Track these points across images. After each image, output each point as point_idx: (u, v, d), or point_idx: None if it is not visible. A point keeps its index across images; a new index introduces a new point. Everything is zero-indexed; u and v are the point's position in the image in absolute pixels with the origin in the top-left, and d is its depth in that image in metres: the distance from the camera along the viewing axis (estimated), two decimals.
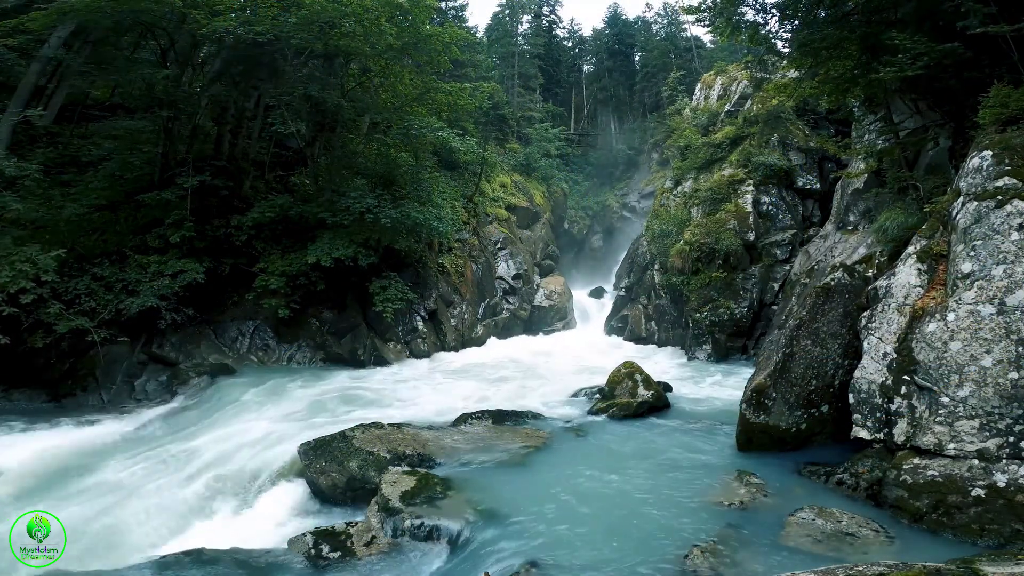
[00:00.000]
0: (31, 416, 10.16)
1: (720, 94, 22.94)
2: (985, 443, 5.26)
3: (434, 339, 16.98)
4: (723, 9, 11.17)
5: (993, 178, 5.97)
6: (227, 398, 10.78)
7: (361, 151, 17.12)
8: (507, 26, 43.04)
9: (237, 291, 13.92)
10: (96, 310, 11.30)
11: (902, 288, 6.46)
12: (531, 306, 23.15)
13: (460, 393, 11.71)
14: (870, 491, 5.80)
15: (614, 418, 9.25)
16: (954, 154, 9.02)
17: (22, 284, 9.93)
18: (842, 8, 9.44)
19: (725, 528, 5.17)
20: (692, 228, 17.41)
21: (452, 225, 16.86)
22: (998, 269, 5.54)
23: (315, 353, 14.29)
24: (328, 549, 5.39)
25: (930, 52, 7.47)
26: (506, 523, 5.46)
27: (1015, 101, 6.45)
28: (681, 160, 21.03)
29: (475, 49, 31.78)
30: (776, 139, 17.84)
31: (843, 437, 6.65)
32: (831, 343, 7.22)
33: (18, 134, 12.61)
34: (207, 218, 13.66)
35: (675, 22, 45.56)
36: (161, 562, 5.33)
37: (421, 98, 16.90)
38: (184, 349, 12.84)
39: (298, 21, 13.16)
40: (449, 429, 8.36)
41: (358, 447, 7.03)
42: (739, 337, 15.66)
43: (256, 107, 15.90)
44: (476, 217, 22.30)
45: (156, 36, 13.72)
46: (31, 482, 7.30)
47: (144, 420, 10.25)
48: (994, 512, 4.92)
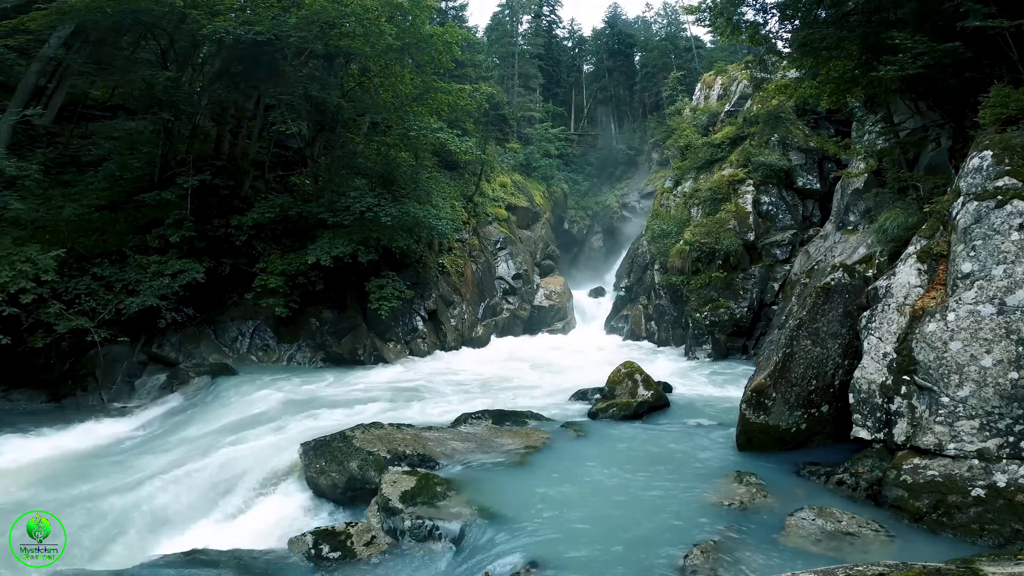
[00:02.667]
0: (31, 416, 10.16)
1: (720, 94, 22.95)
2: (985, 443, 5.26)
3: (434, 339, 16.98)
4: (723, 9, 11.16)
5: (993, 178, 5.97)
6: (227, 398, 10.77)
7: (361, 151, 17.13)
8: (507, 26, 43.06)
9: (237, 291, 13.93)
10: (96, 310, 11.31)
11: (902, 288, 6.46)
12: (531, 306, 23.16)
13: (460, 393, 11.71)
14: (870, 491, 5.80)
15: (614, 418, 9.25)
16: (954, 154, 9.01)
17: (22, 284, 9.93)
18: (842, 8, 9.43)
19: (725, 528, 5.16)
20: (692, 228, 17.42)
21: (452, 225, 16.87)
22: (998, 269, 5.54)
23: (315, 353, 14.29)
24: (328, 549, 5.38)
25: (930, 52, 7.46)
26: (506, 523, 5.46)
27: (1015, 101, 6.44)
28: (681, 160, 21.04)
29: (475, 49, 31.79)
30: (776, 139, 17.84)
31: (843, 437, 6.65)
32: (831, 343, 7.22)
33: (18, 134, 12.62)
34: (207, 218, 13.66)
35: (675, 22, 45.63)
36: (161, 562, 5.33)
37: (421, 98, 16.90)
38: (184, 349, 12.85)
39: (298, 21, 13.16)
40: (449, 429, 8.35)
41: (358, 447, 7.02)
42: (739, 337, 15.66)
43: (256, 107, 15.91)
44: (476, 217, 22.30)
45: (156, 36, 13.73)
46: (31, 482, 7.30)
47: (144, 420, 10.26)
48: (994, 512, 4.92)
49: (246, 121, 16.21)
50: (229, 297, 13.97)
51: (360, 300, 15.08)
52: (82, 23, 12.41)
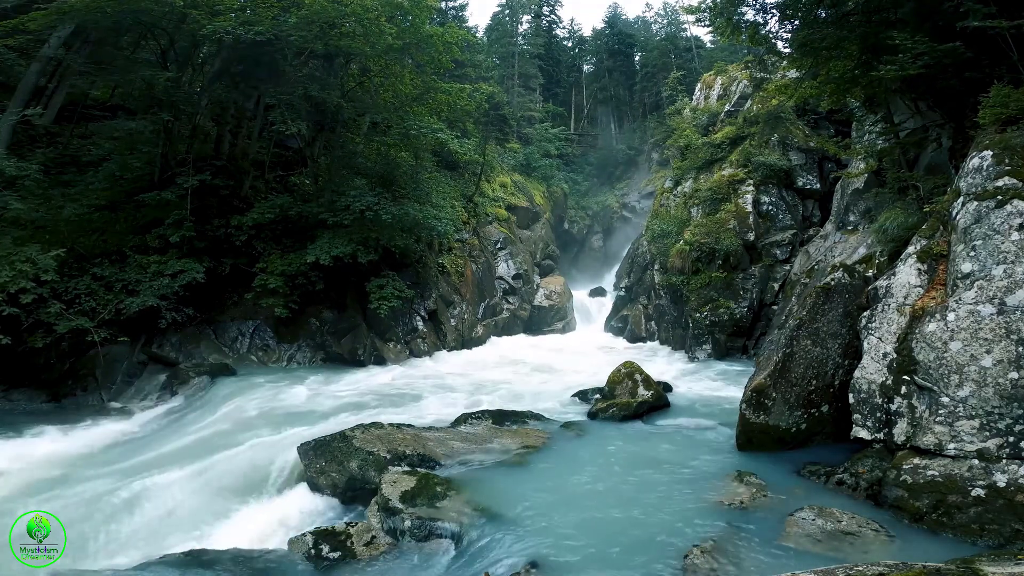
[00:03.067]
0: (31, 416, 10.16)
1: (720, 94, 22.95)
2: (985, 443, 5.26)
3: (434, 339, 16.98)
4: (723, 9, 11.16)
5: (993, 178, 5.97)
6: (227, 398, 10.76)
7: (361, 151, 17.13)
8: (507, 26, 43.07)
9: (237, 291, 13.92)
10: (96, 310, 11.30)
11: (902, 288, 6.46)
12: (531, 306, 23.16)
13: (460, 393, 11.71)
14: (870, 491, 5.80)
15: (614, 418, 9.25)
16: (954, 154, 9.01)
17: (22, 284, 9.92)
18: (842, 8, 9.43)
19: (725, 528, 5.16)
20: (692, 228, 17.42)
21: (452, 225, 16.87)
22: (998, 269, 5.54)
23: (315, 353, 14.29)
24: (328, 549, 5.39)
25: (930, 52, 7.46)
26: (506, 523, 5.46)
27: (1015, 101, 6.45)
28: (681, 160, 21.03)
29: (475, 49, 31.80)
30: (776, 139, 17.84)
31: (843, 437, 6.65)
32: (831, 343, 7.22)
33: (18, 134, 12.61)
34: (207, 218, 13.65)
35: (675, 22, 45.65)
36: (161, 562, 5.33)
37: (421, 98, 16.90)
38: (184, 349, 12.85)
39: (298, 21, 13.16)
40: (449, 429, 8.35)
41: (358, 447, 7.02)
42: (739, 337, 15.66)
43: (256, 107, 15.90)
44: (476, 217, 22.30)
45: (156, 36, 13.72)
46: (31, 482, 7.29)
47: (144, 420, 10.26)
48: (994, 512, 4.92)
49: (246, 121, 16.20)
50: (229, 297, 13.97)
51: (360, 300, 15.07)
52: (82, 23, 12.40)
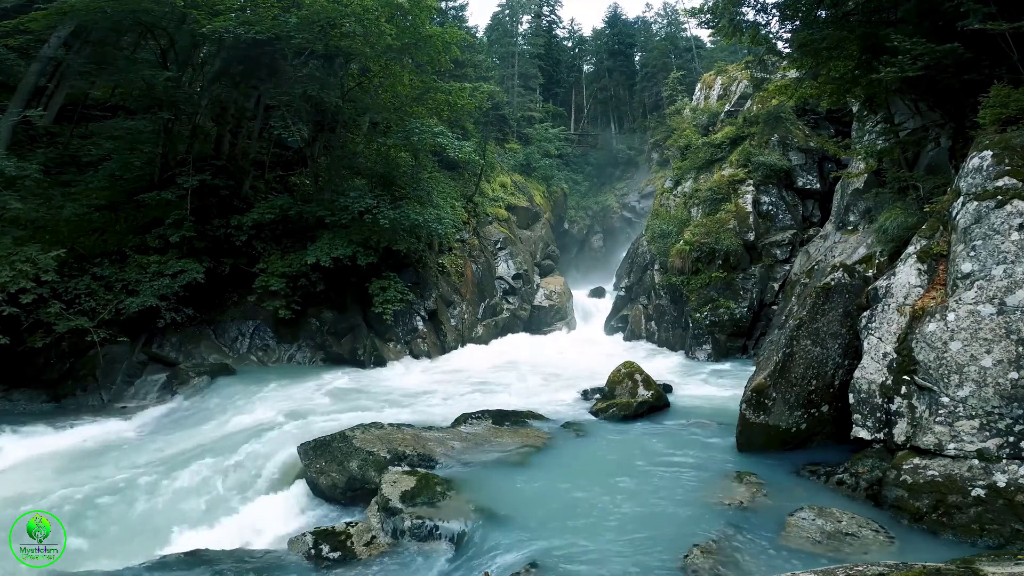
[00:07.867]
0: (31, 416, 10.17)
1: (720, 94, 22.95)
2: (985, 443, 5.26)
3: (434, 339, 16.97)
4: (724, 10, 11.17)
5: (993, 178, 5.97)
6: (227, 398, 10.78)
7: (361, 151, 17.13)
8: (507, 26, 43.03)
9: (237, 291, 13.93)
10: (96, 310, 11.31)
11: (902, 288, 6.46)
12: (531, 306, 23.15)
13: (460, 393, 11.71)
14: (870, 491, 5.80)
15: (614, 418, 9.25)
16: (954, 154, 9.01)
17: (22, 284, 9.93)
18: (842, 8, 9.43)
19: (725, 528, 5.16)
20: (692, 228, 17.41)
21: (452, 225, 16.87)
22: (998, 269, 5.54)
23: (315, 353, 14.29)
24: (328, 549, 5.39)
25: (930, 52, 7.46)
26: (506, 523, 5.46)
27: (1015, 101, 6.45)
28: (681, 160, 21.03)
29: (475, 49, 31.79)
30: (776, 139, 17.84)
31: (843, 437, 6.65)
32: (831, 343, 7.22)
33: (18, 134, 12.61)
34: (207, 218, 13.66)
35: (675, 22, 45.63)
36: (161, 562, 5.33)
37: (421, 98, 16.90)
38: (184, 349, 12.85)
39: (298, 21, 13.16)
40: (449, 429, 8.35)
41: (358, 447, 7.02)
42: (739, 337, 15.66)
43: (256, 107, 15.91)
44: (476, 217, 22.29)
45: (156, 36, 13.73)
46: (31, 482, 7.30)
47: (144, 420, 10.25)
48: (994, 512, 4.92)
49: (246, 121, 16.20)
50: (229, 297, 13.97)
51: (360, 300, 15.08)
52: (82, 23, 12.41)
